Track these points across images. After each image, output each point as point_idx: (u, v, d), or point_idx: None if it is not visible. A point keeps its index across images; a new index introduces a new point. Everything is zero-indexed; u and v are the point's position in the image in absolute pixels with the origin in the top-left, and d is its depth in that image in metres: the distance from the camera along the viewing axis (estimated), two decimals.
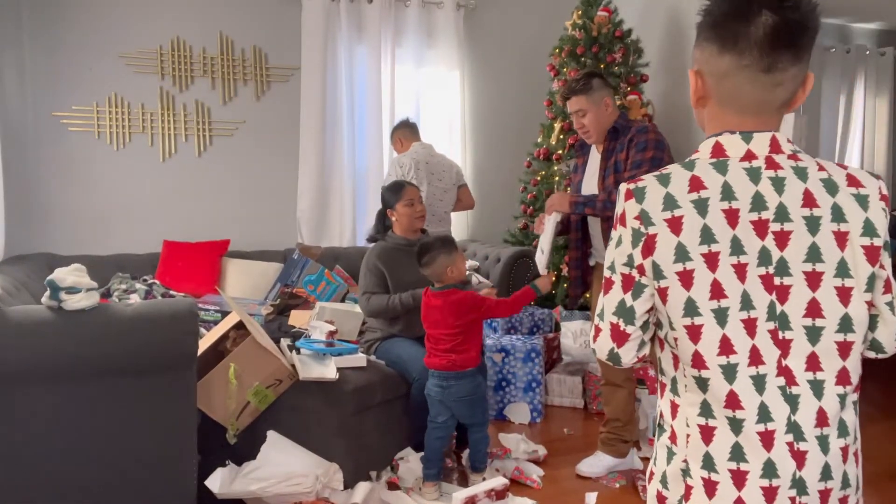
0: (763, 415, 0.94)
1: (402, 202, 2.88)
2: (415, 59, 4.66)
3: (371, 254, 2.90)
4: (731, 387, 0.94)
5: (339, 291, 3.60)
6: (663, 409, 1.05)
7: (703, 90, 1.02)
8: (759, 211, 0.94)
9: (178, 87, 4.19)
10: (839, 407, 0.95)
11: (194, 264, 3.82)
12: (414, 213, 2.89)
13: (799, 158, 0.97)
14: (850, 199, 0.95)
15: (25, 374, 1.82)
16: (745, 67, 0.94)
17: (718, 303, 0.93)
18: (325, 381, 2.38)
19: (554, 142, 4.27)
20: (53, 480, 1.87)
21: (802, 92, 0.98)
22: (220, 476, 2.20)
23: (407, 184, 2.97)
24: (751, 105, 0.97)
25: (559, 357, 3.61)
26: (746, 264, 0.93)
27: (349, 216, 4.56)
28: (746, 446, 0.94)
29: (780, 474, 0.93)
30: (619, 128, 2.58)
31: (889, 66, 5.92)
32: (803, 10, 0.92)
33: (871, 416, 3.29)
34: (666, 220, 0.95)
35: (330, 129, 4.46)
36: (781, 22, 0.91)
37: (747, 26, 0.92)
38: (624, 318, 1.00)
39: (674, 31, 4.69)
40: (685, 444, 0.99)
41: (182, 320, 1.98)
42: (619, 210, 1.01)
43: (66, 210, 4.00)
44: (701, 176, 0.97)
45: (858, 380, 0.98)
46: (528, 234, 4.32)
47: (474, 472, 2.54)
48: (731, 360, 0.94)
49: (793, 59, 0.94)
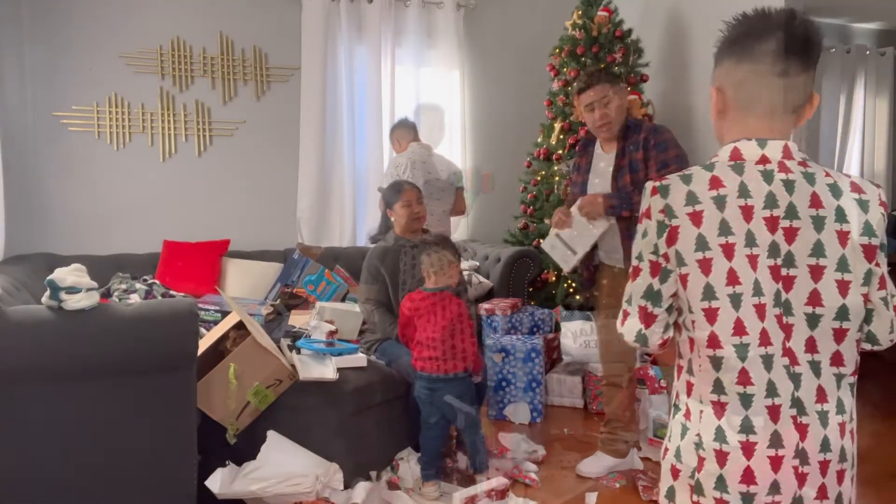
0: (770, 390, 1.05)
1: (400, 203, 2.90)
2: (415, 59, 4.66)
3: (372, 255, 2.91)
4: (743, 364, 1.04)
5: (340, 291, 3.60)
6: (679, 389, 1.15)
7: (723, 103, 1.14)
8: (772, 208, 1.05)
9: (178, 87, 4.19)
10: (836, 386, 1.07)
11: (194, 264, 3.82)
12: (412, 213, 2.90)
13: (808, 165, 1.08)
14: (853, 202, 1.07)
15: (25, 374, 1.82)
16: (760, 73, 1.09)
17: (733, 288, 1.04)
18: (325, 381, 2.38)
19: (554, 142, 4.27)
20: (53, 480, 1.87)
21: (810, 107, 1.11)
22: (220, 476, 2.20)
23: (407, 184, 2.98)
24: (766, 108, 1.10)
25: (559, 357, 3.61)
26: (758, 255, 1.04)
27: (349, 216, 4.56)
28: (755, 419, 1.05)
29: (785, 445, 1.04)
30: (632, 125, 2.57)
31: (889, 66, 5.92)
32: (808, 28, 1.10)
33: (871, 416, 3.29)
34: (688, 213, 1.07)
35: (330, 129, 4.46)
36: (791, 35, 1.08)
37: (762, 41, 1.08)
38: (652, 300, 1.11)
39: (674, 31, 4.69)
40: (699, 419, 1.09)
41: (182, 320, 1.97)
42: (644, 206, 1.13)
43: (66, 210, 4.00)
44: (720, 176, 1.08)
45: (855, 365, 1.09)
46: (528, 234, 4.31)
47: (476, 473, 2.53)
48: (743, 340, 1.04)
49: (802, 66, 1.09)
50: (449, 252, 2.53)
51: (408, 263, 2.86)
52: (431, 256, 2.50)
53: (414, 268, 2.78)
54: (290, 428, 2.37)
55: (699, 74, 4.51)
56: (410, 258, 2.86)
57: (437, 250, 2.51)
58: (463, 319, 2.48)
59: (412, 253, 2.85)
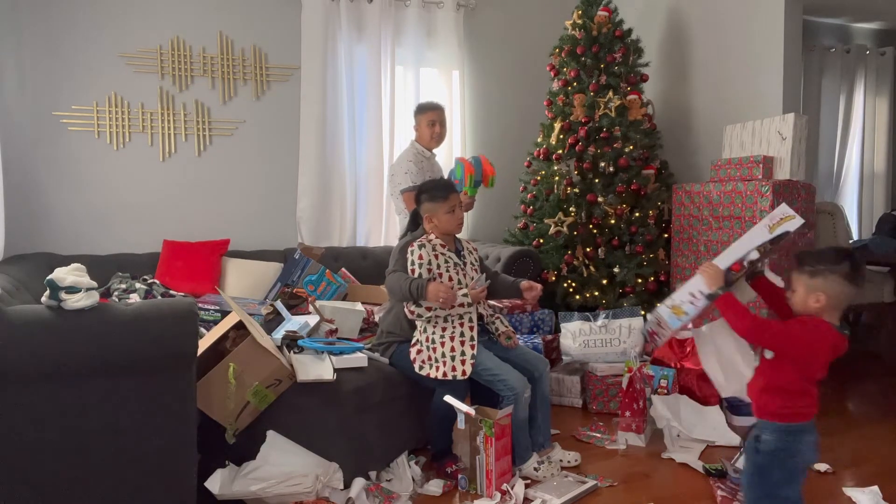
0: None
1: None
2: (415, 59, 4.66)
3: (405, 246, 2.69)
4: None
5: (340, 292, 3.60)
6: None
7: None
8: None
9: (178, 87, 4.19)
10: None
11: (194, 264, 3.81)
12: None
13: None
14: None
15: (25, 373, 1.82)
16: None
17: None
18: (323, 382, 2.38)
19: (554, 142, 4.27)
20: (53, 480, 1.87)
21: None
22: (219, 477, 2.20)
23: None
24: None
25: (559, 357, 3.61)
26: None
27: (349, 216, 4.56)
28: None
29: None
30: None
31: (889, 66, 5.93)
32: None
33: (871, 416, 3.29)
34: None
35: (330, 128, 4.46)
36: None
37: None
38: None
39: (674, 31, 4.70)
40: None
41: (182, 320, 1.97)
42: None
43: (66, 210, 4.00)
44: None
45: None
46: (528, 234, 4.31)
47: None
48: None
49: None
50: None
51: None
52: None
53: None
54: (290, 428, 2.37)
55: (699, 74, 4.51)
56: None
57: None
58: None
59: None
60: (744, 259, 1.98)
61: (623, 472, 2.63)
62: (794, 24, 3.93)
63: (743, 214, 3.48)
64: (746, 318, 1.84)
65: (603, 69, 4.20)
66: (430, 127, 3.62)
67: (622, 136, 4.08)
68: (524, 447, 2.56)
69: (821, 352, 1.78)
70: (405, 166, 3.57)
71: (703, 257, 3.69)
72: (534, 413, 2.64)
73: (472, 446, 2.44)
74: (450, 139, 4.71)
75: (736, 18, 4.20)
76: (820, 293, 1.76)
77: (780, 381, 1.82)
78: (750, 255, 1.98)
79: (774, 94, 3.93)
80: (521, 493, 2.38)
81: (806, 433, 1.83)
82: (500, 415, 2.41)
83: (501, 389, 2.51)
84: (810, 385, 1.83)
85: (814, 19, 5.57)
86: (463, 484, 2.46)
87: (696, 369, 3.22)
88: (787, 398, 1.82)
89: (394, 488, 2.43)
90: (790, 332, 1.79)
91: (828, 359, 1.80)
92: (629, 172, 4.07)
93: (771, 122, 3.62)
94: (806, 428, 1.83)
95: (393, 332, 2.73)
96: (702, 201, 3.70)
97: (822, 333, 1.77)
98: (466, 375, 2.52)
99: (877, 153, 5.97)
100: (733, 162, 3.63)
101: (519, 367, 2.60)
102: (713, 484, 2.47)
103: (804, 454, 1.83)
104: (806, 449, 1.83)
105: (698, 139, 4.50)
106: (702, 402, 3.15)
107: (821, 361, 1.80)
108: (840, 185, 5.88)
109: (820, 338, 1.77)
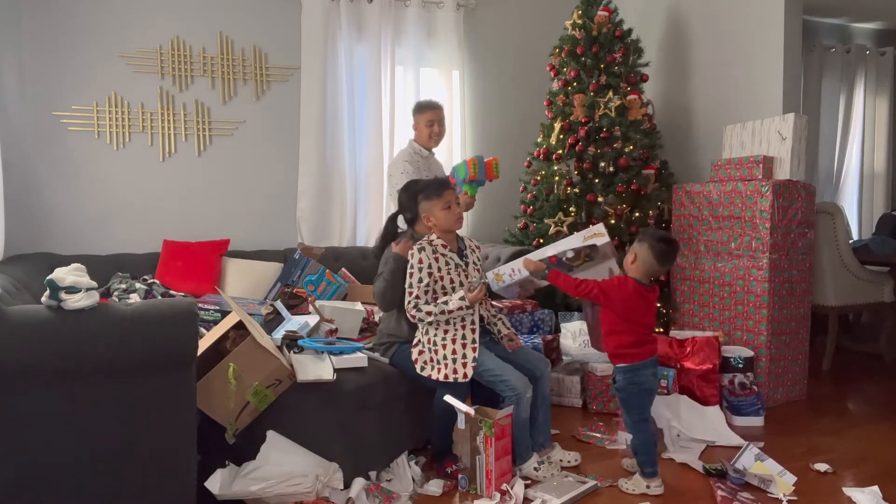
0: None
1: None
2: (415, 59, 4.66)
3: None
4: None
5: (340, 292, 3.60)
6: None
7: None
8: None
9: (178, 87, 4.19)
10: None
11: (194, 264, 3.81)
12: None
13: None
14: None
15: (25, 374, 1.82)
16: None
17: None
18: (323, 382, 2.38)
19: (554, 142, 4.27)
20: (52, 480, 1.87)
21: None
22: (219, 477, 2.20)
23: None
24: None
25: (559, 357, 3.61)
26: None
27: (349, 216, 4.56)
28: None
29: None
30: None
31: (889, 66, 5.93)
32: None
33: (870, 416, 3.29)
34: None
35: (330, 128, 4.46)
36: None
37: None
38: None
39: (674, 31, 4.70)
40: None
41: (182, 320, 1.97)
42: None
43: (66, 210, 4.00)
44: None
45: None
46: (528, 234, 4.31)
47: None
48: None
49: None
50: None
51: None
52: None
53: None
54: (290, 428, 2.37)
55: (699, 74, 4.51)
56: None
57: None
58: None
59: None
60: (562, 256, 2.76)
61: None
62: (794, 25, 3.94)
63: (743, 214, 3.47)
64: (570, 282, 2.51)
65: (603, 69, 4.20)
66: (428, 126, 3.61)
67: (622, 136, 4.08)
68: (524, 447, 2.56)
69: (629, 298, 2.40)
70: (401, 166, 3.57)
71: (703, 257, 3.69)
72: (534, 413, 2.64)
73: (472, 446, 2.44)
74: (450, 139, 4.71)
75: (736, 18, 4.20)
76: (634, 252, 2.42)
77: (609, 325, 2.45)
78: (567, 253, 2.76)
79: (774, 94, 3.93)
80: (521, 493, 2.38)
81: (643, 369, 2.41)
82: (500, 415, 2.41)
83: (503, 390, 2.51)
84: (635, 326, 2.41)
85: (814, 19, 5.57)
86: (463, 484, 2.46)
87: (697, 369, 3.22)
88: (617, 337, 2.42)
89: (394, 488, 2.43)
90: (602, 286, 2.44)
91: (638, 304, 2.40)
92: (629, 172, 4.07)
93: (771, 122, 3.62)
94: (643, 365, 2.41)
95: (394, 335, 2.73)
96: (702, 201, 3.70)
97: (626, 283, 2.42)
98: (468, 379, 2.52)
99: (877, 153, 5.98)
100: (733, 162, 3.64)
101: (520, 368, 2.59)
102: (713, 484, 2.47)
103: (646, 384, 2.43)
104: (646, 380, 2.42)
105: (698, 139, 4.50)
106: (702, 402, 3.15)
107: (632, 305, 2.40)
108: (840, 185, 5.88)
109: (624, 286, 2.41)
